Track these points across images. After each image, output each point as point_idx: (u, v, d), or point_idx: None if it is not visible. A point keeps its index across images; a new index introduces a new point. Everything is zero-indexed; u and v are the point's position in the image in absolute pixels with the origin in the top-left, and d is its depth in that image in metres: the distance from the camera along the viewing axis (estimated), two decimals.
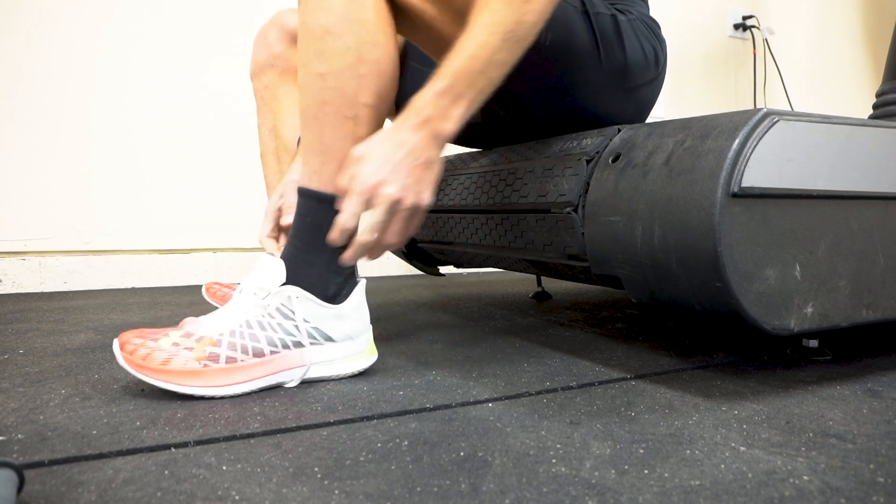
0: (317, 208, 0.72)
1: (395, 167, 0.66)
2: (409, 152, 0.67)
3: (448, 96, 0.67)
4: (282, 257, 0.73)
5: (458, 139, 1.16)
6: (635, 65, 0.92)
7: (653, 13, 1.03)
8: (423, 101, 0.67)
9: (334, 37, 0.69)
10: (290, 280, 0.71)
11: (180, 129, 1.67)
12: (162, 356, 0.66)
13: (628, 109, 0.97)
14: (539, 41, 0.84)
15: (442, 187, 1.13)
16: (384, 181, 0.66)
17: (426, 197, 0.69)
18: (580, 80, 0.89)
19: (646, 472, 0.49)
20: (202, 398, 0.66)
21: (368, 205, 0.67)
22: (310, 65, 0.70)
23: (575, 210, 0.80)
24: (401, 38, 0.89)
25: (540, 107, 0.93)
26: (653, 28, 0.98)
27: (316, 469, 0.50)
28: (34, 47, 1.52)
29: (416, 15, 0.75)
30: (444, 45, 0.72)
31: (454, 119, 0.68)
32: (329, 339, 0.73)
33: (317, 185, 0.72)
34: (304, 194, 0.73)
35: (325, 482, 0.47)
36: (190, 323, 0.71)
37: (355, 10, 0.69)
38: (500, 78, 0.69)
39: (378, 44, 0.70)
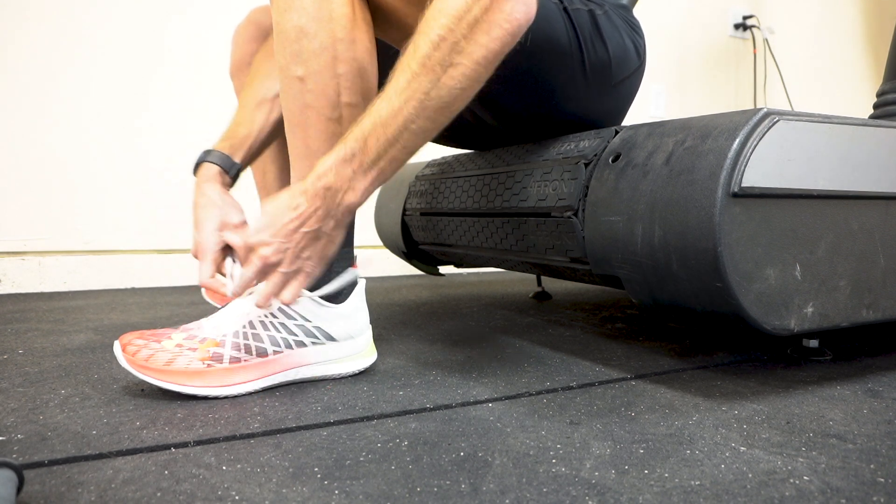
0: None
1: (278, 232, 0.64)
2: (299, 217, 0.63)
3: (353, 165, 0.63)
4: None
5: (453, 141, 1.16)
6: (618, 59, 0.91)
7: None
8: (326, 165, 0.63)
9: (309, 37, 0.66)
10: None
11: (180, 128, 1.67)
12: (165, 357, 0.66)
13: (614, 104, 0.96)
14: (519, 41, 0.83)
15: (441, 190, 1.13)
16: (262, 243, 0.64)
17: (311, 266, 0.66)
18: (565, 80, 0.88)
19: (646, 472, 0.49)
20: (205, 398, 0.66)
21: (244, 261, 0.66)
22: (288, 68, 0.68)
23: (575, 214, 0.80)
24: None
25: (527, 111, 0.92)
26: (627, 18, 0.96)
27: (316, 469, 0.50)
28: (34, 47, 1.52)
29: (389, 12, 0.72)
30: None
31: (360, 191, 0.64)
32: (331, 338, 0.73)
33: None
34: None
35: (325, 482, 0.47)
36: (192, 325, 0.71)
37: (327, 8, 0.66)
38: (419, 145, 0.65)
39: (355, 41, 0.68)
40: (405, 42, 0.70)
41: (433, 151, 1.76)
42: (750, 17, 2.45)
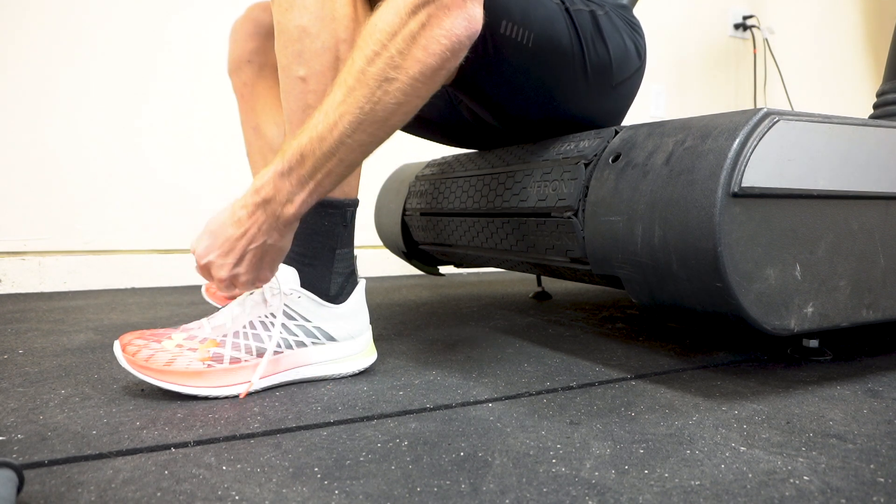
0: (314, 212, 0.72)
1: (225, 250, 0.64)
2: (244, 234, 0.64)
3: (291, 178, 0.62)
4: (283, 260, 0.73)
5: (453, 141, 1.16)
6: (619, 60, 0.91)
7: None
8: (264, 179, 0.63)
9: (312, 37, 0.66)
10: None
11: (180, 128, 1.67)
12: (165, 357, 0.66)
13: (614, 104, 0.96)
14: (521, 43, 0.83)
15: (441, 190, 1.13)
16: (212, 263, 0.65)
17: (265, 276, 0.68)
18: (566, 81, 0.88)
19: (646, 472, 0.49)
20: (205, 398, 0.66)
21: (203, 276, 0.68)
22: (290, 68, 0.68)
23: (575, 214, 0.80)
24: None
25: (528, 112, 0.92)
26: (628, 18, 0.96)
27: (316, 469, 0.50)
28: (34, 47, 1.52)
29: None
30: None
31: (298, 204, 0.63)
32: (331, 338, 0.73)
33: None
34: None
35: (325, 482, 0.47)
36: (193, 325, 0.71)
37: (330, 7, 0.66)
38: (358, 159, 0.64)
39: (356, 41, 0.67)
40: None
41: (433, 151, 1.77)
42: (750, 17, 2.45)
